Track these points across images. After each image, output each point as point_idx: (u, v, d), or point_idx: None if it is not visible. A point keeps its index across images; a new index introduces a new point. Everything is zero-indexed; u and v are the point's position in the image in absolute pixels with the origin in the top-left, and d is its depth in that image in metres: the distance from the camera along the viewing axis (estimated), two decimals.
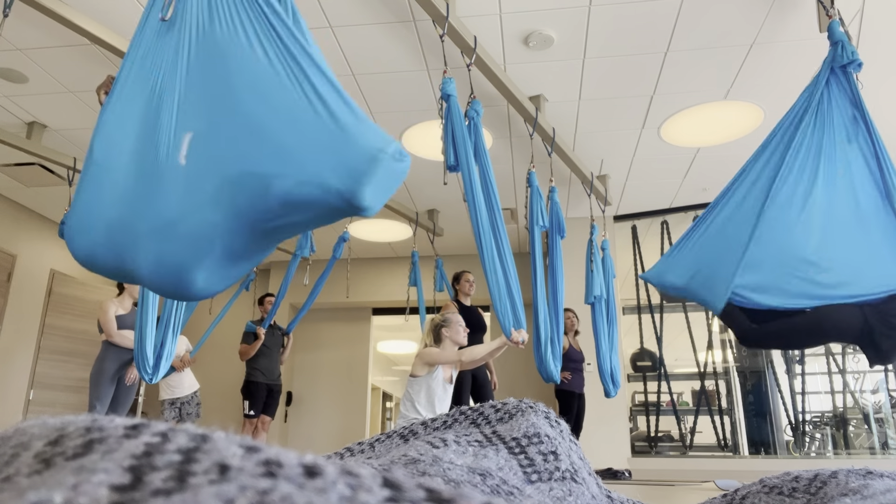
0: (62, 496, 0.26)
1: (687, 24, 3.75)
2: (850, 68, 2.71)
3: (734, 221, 2.73)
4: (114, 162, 1.89)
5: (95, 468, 0.29)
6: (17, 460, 0.33)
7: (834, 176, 2.56)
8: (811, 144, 2.65)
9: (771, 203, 2.60)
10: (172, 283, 1.83)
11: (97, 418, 0.36)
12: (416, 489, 0.30)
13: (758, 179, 2.75)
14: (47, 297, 6.78)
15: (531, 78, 4.30)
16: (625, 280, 6.75)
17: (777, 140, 2.79)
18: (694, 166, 5.66)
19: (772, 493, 0.96)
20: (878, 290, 2.40)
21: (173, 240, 1.75)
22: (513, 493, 0.78)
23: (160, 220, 1.76)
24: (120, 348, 4.59)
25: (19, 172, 5.79)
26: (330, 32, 3.79)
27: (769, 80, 4.29)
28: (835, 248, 2.47)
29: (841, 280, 2.42)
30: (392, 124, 4.94)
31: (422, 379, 3.54)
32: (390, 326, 10.43)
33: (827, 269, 2.44)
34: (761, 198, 2.66)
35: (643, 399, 6.59)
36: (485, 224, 3.13)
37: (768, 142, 2.84)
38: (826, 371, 6.29)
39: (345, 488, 0.30)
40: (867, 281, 2.40)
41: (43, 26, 3.74)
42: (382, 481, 0.30)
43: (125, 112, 1.93)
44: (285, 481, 0.30)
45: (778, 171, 2.66)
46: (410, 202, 6.37)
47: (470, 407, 1.05)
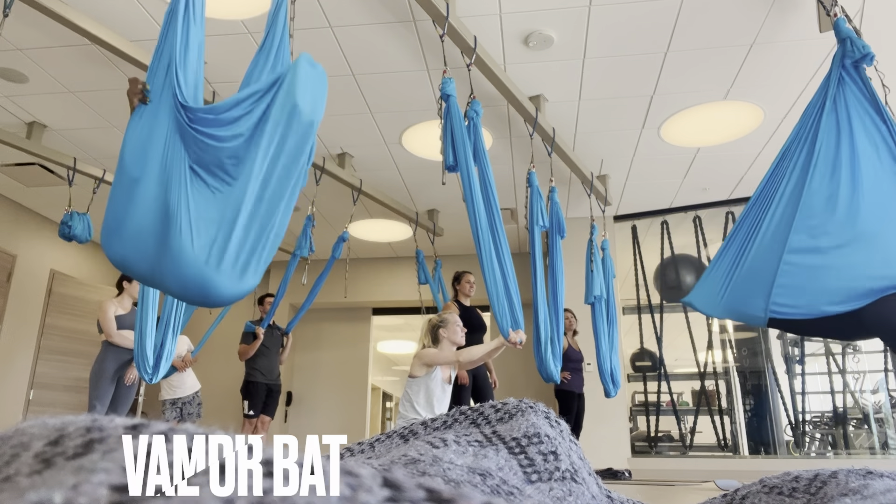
0: (62, 496, 0.26)
1: (687, 24, 3.75)
2: (863, 63, 2.66)
3: (762, 246, 2.68)
4: (142, 173, 2.03)
5: (95, 468, 0.29)
6: (17, 460, 0.33)
7: (860, 179, 2.53)
8: (834, 151, 2.60)
9: (797, 227, 2.57)
10: (199, 297, 2.05)
11: (97, 418, 0.36)
12: (416, 489, 0.30)
13: (782, 196, 2.69)
14: (47, 297, 6.78)
15: (531, 78, 4.30)
16: (625, 280, 6.75)
17: (796, 149, 2.73)
18: (694, 166, 5.66)
19: (772, 493, 0.95)
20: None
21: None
22: (513, 493, 0.78)
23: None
24: (119, 348, 4.59)
25: (19, 172, 5.79)
26: (330, 32, 3.79)
27: (769, 80, 4.29)
28: (873, 249, 2.45)
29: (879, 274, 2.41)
30: (392, 124, 4.94)
31: (420, 380, 3.54)
32: (390, 326, 10.43)
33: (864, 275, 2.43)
34: (787, 220, 2.61)
35: (643, 399, 6.59)
36: (483, 225, 3.13)
37: (789, 151, 2.76)
38: (826, 371, 6.29)
39: (345, 488, 0.30)
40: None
41: (43, 26, 3.74)
42: (382, 481, 0.30)
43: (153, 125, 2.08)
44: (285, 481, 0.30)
45: (803, 186, 2.61)
46: (410, 202, 6.37)
47: (470, 407, 1.05)
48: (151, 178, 2.01)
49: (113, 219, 2.03)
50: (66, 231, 5.07)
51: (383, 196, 5.95)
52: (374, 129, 5.01)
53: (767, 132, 5.00)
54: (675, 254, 6.65)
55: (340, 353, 8.19)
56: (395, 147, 5.29)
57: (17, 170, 5.72)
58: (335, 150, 5.35)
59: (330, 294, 7.22)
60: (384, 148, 5.31)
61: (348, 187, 5.58)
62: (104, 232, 2.07)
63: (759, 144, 5.20)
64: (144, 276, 2.10)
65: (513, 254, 3.33)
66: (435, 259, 6.36)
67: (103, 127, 4.98)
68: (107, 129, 5.02)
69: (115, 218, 2.02)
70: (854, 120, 2.60)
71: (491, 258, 3.13)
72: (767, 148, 5.23)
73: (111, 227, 2.03)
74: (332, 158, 5.34)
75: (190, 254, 1.92)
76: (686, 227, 6.64)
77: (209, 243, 1.95)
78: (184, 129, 2.02)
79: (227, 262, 1.96)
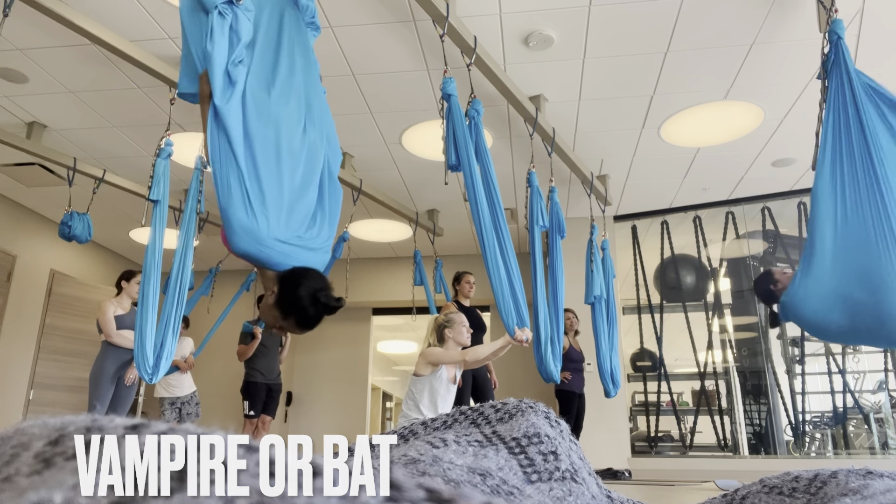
0: (62, 496, 0.26)
1: (687, 24, 3.75)
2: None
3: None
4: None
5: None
6: (17, 460, 0.33)
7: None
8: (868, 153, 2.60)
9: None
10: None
11: (97, 418, 0.36)
12: (416, 489, 0.30)
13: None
14: (47, 297, 6.78)
15: (531, 78, 4.30)
16: (625, 280, 6.75)
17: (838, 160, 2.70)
18: (694, 166, 5.66)
19: (772, 493, 0.95)
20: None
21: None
22: (513, 493, 0.78)
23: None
24: (119, 348, 4.59)
25: (19, 172, 5.78)
26: (330, 32, 3.78)
27: (769, 80, 4.29)
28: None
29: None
30: (392, 124, 4.94)
31: (425, 378, 3.53)
32: (390, 326, 10.43)
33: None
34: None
35: (643, 399, 6.59)
36: (487, 223, 3.12)
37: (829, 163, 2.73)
38: (826, 371, 6.29)
39: (345, 488, 0.30)
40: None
41: (43, 26, 3.74)
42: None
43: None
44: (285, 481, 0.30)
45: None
46: (410, 202, 6.37)
47: (470, 407, 1.05)
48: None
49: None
50: (66, 231, 5.08)
51: (383, 196, 5.95)
52: (374, 129, 5.00)
53: (767, 132, 4.99)
54: (675, 254, 6.66)
55: (340, 353, 8.19)
56: (395, 147, 5.29)
57: (17, 170, 5.72)
58: None
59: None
60: (384, 148, 5.31)
61: (348, 187, 5.58)
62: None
63: (759, 144, 5.20)
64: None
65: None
66: (435, 259, 6.36)
67: (103, 127, 4.98)
68: (107, 129, 5.02)
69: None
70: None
71: (495, 256, 3.12)
72: (767, 148, 5.23)
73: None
74: None
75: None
76: (686, 227, 6.64)
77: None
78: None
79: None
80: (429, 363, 3.55)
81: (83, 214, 5.16)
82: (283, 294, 1.97)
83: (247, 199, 1.90)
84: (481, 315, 5.14)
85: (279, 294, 1.97)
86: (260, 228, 1.90)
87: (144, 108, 4.66)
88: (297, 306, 1.96)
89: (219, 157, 1.92)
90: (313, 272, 2.01)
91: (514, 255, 3.20)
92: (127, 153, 5.38)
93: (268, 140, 2.02)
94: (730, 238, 6.49)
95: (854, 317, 2.54)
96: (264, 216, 1.92)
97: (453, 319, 3.68)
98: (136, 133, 5.05)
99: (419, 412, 3.48)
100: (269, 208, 1.94)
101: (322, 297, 1.97)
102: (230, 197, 1.89)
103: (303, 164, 2.12)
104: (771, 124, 4.87)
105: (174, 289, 3.69)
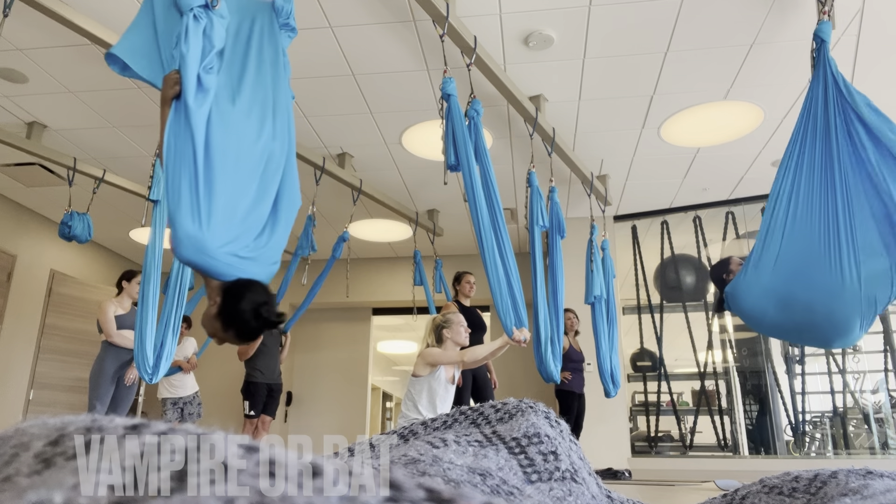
0: (62, 496, 0.26)
1: (687, 24, 3.75)
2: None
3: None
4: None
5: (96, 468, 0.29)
6: (17, 460, 0.33)
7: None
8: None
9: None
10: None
11: (97, 418, 0.36)
12: (416, 489, 0.30)
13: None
14: (47, 297, 6.78)
15: (531, 78, 4.30)
16: (625, 280, 6.75)
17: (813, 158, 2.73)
18: (694, 166, 5.66)
19: (772, 493, 0.96)
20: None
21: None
22: (513, 493, 0.78)
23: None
24: (119, 348, 4.59)
25: (19, 172, 5.79)
26: (330, 32, 3.78)
27: (769, 80, 4.29)
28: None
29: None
30: (392, 124, 4.94)
31: (424, 379, 3.54)
32: (390, 326, 10.43)
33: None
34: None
35: (643, 399, 6.59)
36: (486, 223, 3.13)
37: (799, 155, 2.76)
38: (826, 371, 6.29)
39: (345, 488, 0.30)
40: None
41: (43, 26, 3.74)
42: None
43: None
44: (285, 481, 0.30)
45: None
46: (410, 202, 6.37)
47: (470, 407, 1.05)
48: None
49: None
50: (66, 231, 5.08)
51: (383, 196, 5.95)
52: (374, 129, 5.00)
53: (767, 132, 4.99)
54: (675, 254, 6.66)
55: (340, 353, 8.19)
56: (395, 147, 5.29)
57: (17, 170, 5.72)
58: (335, 150, 5.35)
59: (330, 294, 7.22)
60: (384, 148, 5.31)
61: (348, 187, 5.58)
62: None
63: (759, 144, 5.20)
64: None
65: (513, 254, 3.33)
66: (435, 259, 6.36)
67: (103, 127, 4.98)
68: (107, 129, 5.02)
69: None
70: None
71: (494, 257, 3.12)
72: (767, 148, 5.23)
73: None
74: (332, 158, 5.34)
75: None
76: (686, 227, 6.64)
77: None
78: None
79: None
80: (427, 364, 3.55)
81: (83, 214, 5.17)
82: (225, 306, 1.94)
83: (196, 207, 1.86)
84: (481, 315, 5.14)
85: (221, 305, 1.95)
86: (206, 238, 1.86)
87: (144, 108, 4.66)
88: (238, 319, 1.93)
89: (174, 161, 1.88)
90: (257, 285, 1.98)
91: (512, 256, 3.20)
92: (127, 153, 5.38)
93: (227, 151, 1.98)
94: (730, 238, 6.49)
95: (790, 315, 2.66)
96: (211, 226, 1.88)
97: (451, 320, 3.68)
98: (136, 133, 5.05)
99: (418, 412, 3.48)
100: (218, 219, 1.90)
101: (264, 311, 1.94)
102: (179, 204, 1.84)
103: (259, 176, 2.09)
104: (771, 124, 4.87)
105: (174, 289, 3.70)
